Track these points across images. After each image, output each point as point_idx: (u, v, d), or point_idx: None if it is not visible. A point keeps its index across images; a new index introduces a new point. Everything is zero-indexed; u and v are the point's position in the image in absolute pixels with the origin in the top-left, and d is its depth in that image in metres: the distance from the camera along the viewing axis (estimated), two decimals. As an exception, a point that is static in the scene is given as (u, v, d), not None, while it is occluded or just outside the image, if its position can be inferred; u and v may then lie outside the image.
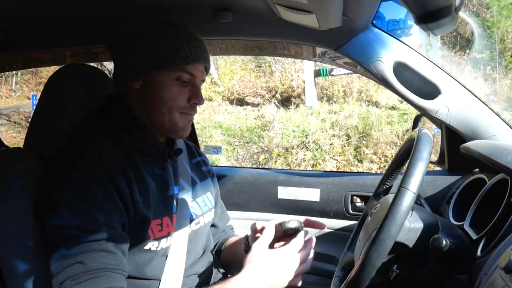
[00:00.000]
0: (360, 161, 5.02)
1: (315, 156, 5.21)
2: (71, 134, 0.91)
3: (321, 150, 5.25)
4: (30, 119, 1.00)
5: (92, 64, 1.32)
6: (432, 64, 1.13)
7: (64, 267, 0.73)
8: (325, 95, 6.83)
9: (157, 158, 0.92)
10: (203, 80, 0.94)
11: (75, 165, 0.81)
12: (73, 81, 0.97)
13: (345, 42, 1.13)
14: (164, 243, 0.88)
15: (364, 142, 5.22)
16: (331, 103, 6.54)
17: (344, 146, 5.28)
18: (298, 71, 7.35)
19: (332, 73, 6.19)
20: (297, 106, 6.59)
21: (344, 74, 6.31)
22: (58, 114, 0.95)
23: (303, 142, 5.49)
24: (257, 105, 7.08)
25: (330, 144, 5.29)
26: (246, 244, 1.01)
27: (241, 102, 7.35)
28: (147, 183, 0.86)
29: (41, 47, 1.27)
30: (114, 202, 0.79)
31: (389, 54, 1.12)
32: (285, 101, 7.00)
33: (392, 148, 5.03)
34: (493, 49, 6.66)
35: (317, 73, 6.31)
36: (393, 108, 6.02)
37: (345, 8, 0.88)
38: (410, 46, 1.14)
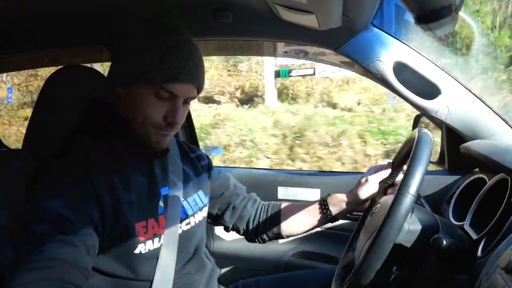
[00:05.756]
0: (292, 160, 5.04)
1: (250, 154, 5.25)
2: (68, 136, 0.91)
3: (257, 149, 5.29)
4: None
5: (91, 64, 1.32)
6: (432, 64, 1.13)
7: (23, 255, 0.69)
8: (288, 96, 7.03)
9: (144, 159, 0.91)
10: (192, 98, 0.88)
11: (58, 165, 0.81)
12: (71, 82, 0.97)
13: (345, 42, 1.13)
14: (150, 245, 0.87)
15: (298, 142, 5.25)
16: (292, 104, 6.69)
17: (279, 145, 5.31)
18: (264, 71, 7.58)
19: (291, 74, 6.36)
20: (257, 105, 6.77)
21: (302, 75, 6.52)
22: (56, 115, 0.95)
23: (244, 140, 5.55)
24: (220, 103, 7.24)
25: (266, 144, 5.32)
26: (325, 207, 1.09)
27: (208, 100, 7.46)
28: (132, 184, 0.85)
29: (41, 48, 1.27)
30: (91, 202, 0.77)
31: (389, 54, 1.12)
32: (249, 100, 7.18)
33: (324, 149, 5.01)
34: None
35: (277, 74, 6.46)
36: (350, 110, 6.12)
37: (345, 8, 0.88)
38: (410, 46, 1.14)
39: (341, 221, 1.47)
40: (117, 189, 0.82)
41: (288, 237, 1.16)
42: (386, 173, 1.05)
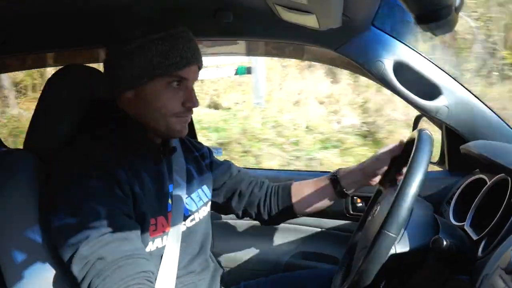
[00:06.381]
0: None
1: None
2: (69, 136, 0.92)
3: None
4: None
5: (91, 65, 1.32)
6: (432, 64, 1.13)
7: (87, 268, 0.73)
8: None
9: (151, 158, 0.92)
10: (197, 79, 0.93)
11: (58, 165, 0.82)
12: (72, 82, 0.97)
13: (345, 42, 1.13)
14: (159, 243, 0.88)
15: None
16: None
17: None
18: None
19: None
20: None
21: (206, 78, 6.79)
22: (57, 115, 0.95)
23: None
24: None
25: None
26: (335, 181, 1.08)
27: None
28: (142, 182, 0.86)
29: (41, 48, 1.27)
30: (116, 194, 0.79)
31: (389, 54, 1.12)
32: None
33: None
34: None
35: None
36: (229, 108, 6.28)
37: (345, 8, 0.88)
38: (411, 46, 1.14)
39: (341, 221, 1.48)
40: (133, 184, 0.83)
41: (302, 215, 1.16)
42: (399, 150, 1.02)
